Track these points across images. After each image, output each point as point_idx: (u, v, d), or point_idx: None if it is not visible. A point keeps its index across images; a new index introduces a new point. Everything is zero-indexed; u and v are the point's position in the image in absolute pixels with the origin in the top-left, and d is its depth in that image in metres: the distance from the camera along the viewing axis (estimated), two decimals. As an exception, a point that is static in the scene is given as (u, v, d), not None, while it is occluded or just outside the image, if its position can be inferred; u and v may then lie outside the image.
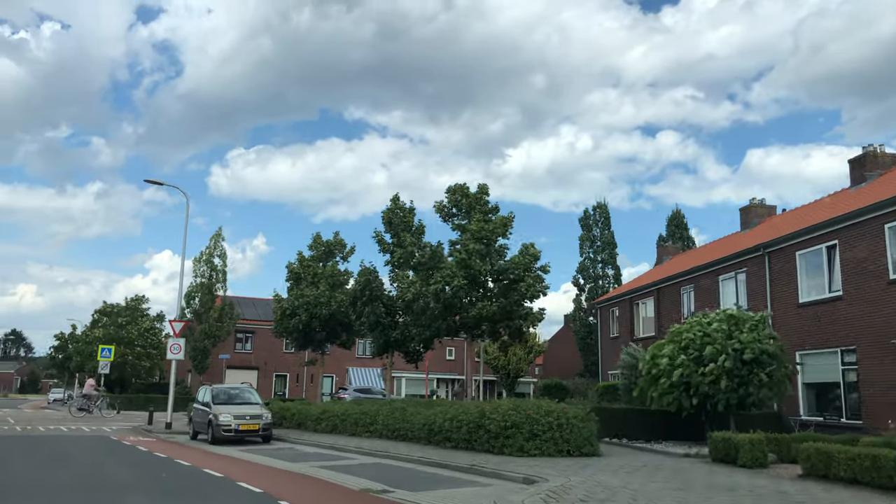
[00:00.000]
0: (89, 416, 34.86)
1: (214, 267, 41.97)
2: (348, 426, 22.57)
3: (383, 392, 49.14)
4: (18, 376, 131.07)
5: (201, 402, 23.03)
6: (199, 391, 24.28)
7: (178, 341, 27.24)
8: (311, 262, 33.13)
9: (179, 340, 27.31)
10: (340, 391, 46.50)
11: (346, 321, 32.45)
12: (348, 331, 33.07)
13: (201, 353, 41.20)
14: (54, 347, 62.68)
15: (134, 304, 57.34)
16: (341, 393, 45.51)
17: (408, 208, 28.07)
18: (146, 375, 58.22)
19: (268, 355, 51.46)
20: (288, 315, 31.96)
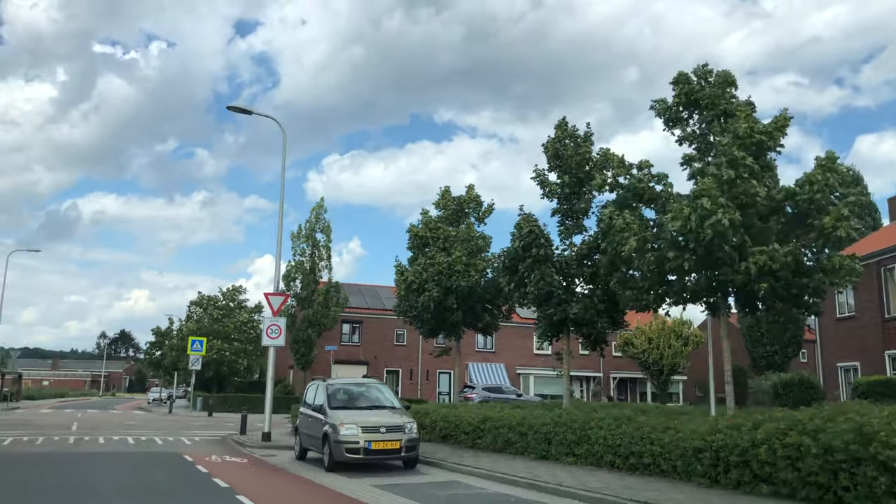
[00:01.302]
0: (173, 422, 28.35)
1: (316, 243, 35.09)
2: (534, 444, 14.45)
3: (517, 392, 40.86)
4: (127, 375, 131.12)
5: (311, 404, 15.52)
6: (307, 389, 16.77)
7: (278, 322, 19.91)
8: (441, 222, 25.23)
9: (279, 321, 19.98)
10: (466, 390, 38.55)
11: (487, 297, 24.38)
12: (494, 308, 25.02)
13: (304, 344, 34.43)
14: (151, 343, 57.97)
15: (230, 294, 51.53)
16: (468, 392, 37.59)
17: (583, 134, 19.83)
18: (245, 373, 52.34)
19: (377, 348, 44.32)
20: (414, 290, 24.17)
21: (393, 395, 15.89)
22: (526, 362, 47.49)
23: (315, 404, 15.22)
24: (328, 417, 14.02)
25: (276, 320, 20.06)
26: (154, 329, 56.65)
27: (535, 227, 18.90)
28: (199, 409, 40.06)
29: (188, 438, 20.49)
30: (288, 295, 20.19)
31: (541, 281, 18.41)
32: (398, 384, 44.81)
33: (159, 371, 61.86)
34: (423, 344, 45.42)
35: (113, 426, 24.44)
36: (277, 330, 19.94)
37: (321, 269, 35.15)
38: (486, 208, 26.30)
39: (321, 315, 34.69)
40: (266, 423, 19.52)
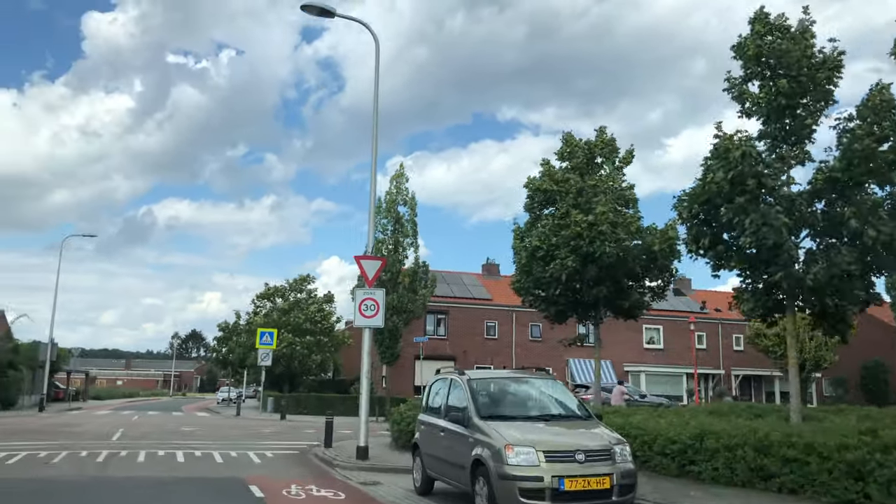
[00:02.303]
0: (240, 428, 23.42)
1: (399, 218, 29.77)
2: (825, 478, 8.47)
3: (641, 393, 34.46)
4: (198, 375, 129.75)
5: (440, 410, 9.97)
6: (429, 386, 11.10)
7: (374, 294, 14.47)
8: (569, 173, 19.38)
9: (375, 293, 14.52)
10: (578, 390, 32.53)
11: (639, 267, 18.45)
12: (646, 282, 19.15)
13: (389, 335, 29.16)
14: (218, 339, 53.74)
15: (299, 284, 46.77)
16: (583, 394, 31.52)
17: (797, 25, 13.97)
18: (318, 370, 47.50)
19: (466, 341, 38.84)
20: (540, 259, 18.41)
21: (571, 396, 10.10)
22: (635, 357, 41.10)
23: (448, 410, 9.64)
24: (479, 433, 8.42)
25: (372, 292, 14.61)
26: (221, 324, 52.39)
27: (751, 148, 12.87)
28: (270, 411, 35.32)
29: (257, 453, 15.23)
30: (384, 260, 14.68)
31: (763, 227, 12.34)
32: (490, 383, 39.14)
33: (227, 369, 57.82)
34: (518, 335, 39.66)
35: (165, 434, 19.51)
36: (374, 305, 14.48)
37: (405, 248, 29.79)
38: (626, 154, 20.27)
39: (407, 301, 29.24)
40: (362, 435, 14.05)
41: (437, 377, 10.90)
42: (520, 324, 39.51)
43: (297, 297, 46.52)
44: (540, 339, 39.76)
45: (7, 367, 34.24)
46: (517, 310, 39.60)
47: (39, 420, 25.83)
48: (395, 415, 16.94)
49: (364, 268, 14.88)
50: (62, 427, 21.69)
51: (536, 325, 39.85)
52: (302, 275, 47.25)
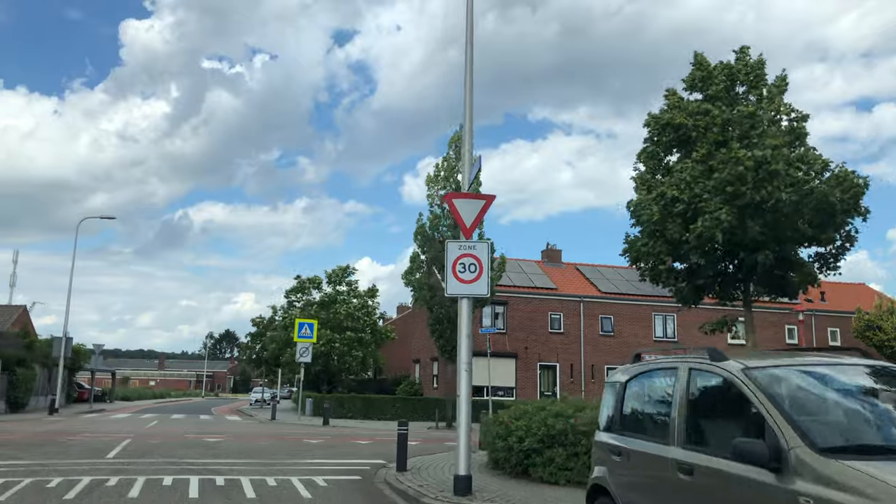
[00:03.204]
0: (277, 437, 18.78)
1: (459, 188, 25.00)
2: None
3: None
4: (231, 375, 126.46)
5: (676, 425, 4.92)
6: (623, 383, 6.10)
7: (475, 250, 9.79)
8: (708, 104, 14.37)
9: (477, 248, 9.82)
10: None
11: (813, 226, 13.40)
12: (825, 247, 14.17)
13: (451, 324, 24.32)
14: (251, 335, 49.47)
15: (338, 276, 42.13)
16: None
17: None
18: (358, 369, 42.82)
19: (528, 336, 33.91)
20: (677, 215, 13.44)
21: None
22: (719, 354, 35.65)
23: (696, 433, 4.71)
24: (828, 486, 3.43)
25: (472, 246, 9.82)
26: (255, 319, 48.14)
27: None
28: (310, 414, 30.73)
29: (303, 479, 10.48)
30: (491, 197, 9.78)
31: None
32: (556, 384, 34.07)
33: (261, 368, 53.48)
34: (586, 329, 34.54)
35: (182, 447, 14.88)
36: (475, 265, 9.72)
37: (468, 224, 25.07)
38: (778, 80, 15.12)
39: (472, 285, 24.56)
40: (461, 459, 9.19)
41: (641, 366, 6.01)
42: (588, 316, 34.43)
43: (337, 290, 41.95)
44: (612, 334, 34.62)
45: (17, 364, 30.15)
46: (585, 300, 34.54)
47: (40, 426, 21.49)
48: (493, 424, 12.05)
49: (458, 209, 10.03)
50: (57, 436, 17.24)
51: (608, 318, 34.76)
52: (341, 265, 42.57)
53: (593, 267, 38.25)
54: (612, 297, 34.99)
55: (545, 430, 10.37)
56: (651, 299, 35.50)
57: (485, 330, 26.94)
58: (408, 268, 25.21)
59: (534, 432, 10.50)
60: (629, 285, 36.41)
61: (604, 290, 35.28)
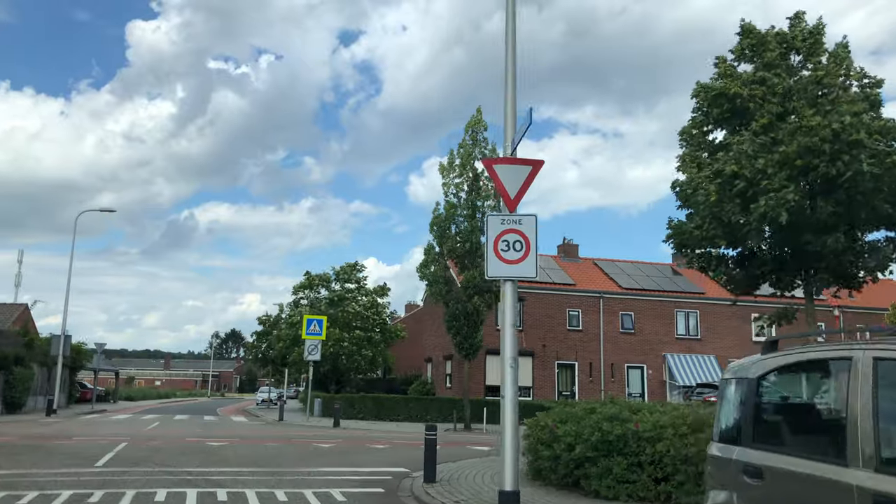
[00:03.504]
0: (286, 441, 17.32)
1: (477, 176, 23.44)
2: None
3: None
4: (237, 375, 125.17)
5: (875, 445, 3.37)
6: (754, 380, 4.59)
7: (521, 225, 8.21)
8: (764, 72, 12.84)
9: (523, 223, 8.23)
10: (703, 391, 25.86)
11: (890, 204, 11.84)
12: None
13: (468, 320, 22.68)
14: (257, 334, 48.04)
15: (347, 273, 40.67)
16: (707, 394, 24.95)
17: None
18: (367, 369, 41.37)
19: (545, 333, 32.41)
20: (737, 194, 11.89)
21: None
22: (744, 353, 33.96)
23: None
24: None
25: (517, 220, 8.31)
26: (261, 317, 46.72)
27: None
28: (319, 415, 29.28)
29: (318, 493, 9.01)
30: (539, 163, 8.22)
31: None
32: (574, 383, 32.55)
33: (267, 366, 52.03)
34: (606, 327, 32.99)
35: (181, 453, 13.42)
36: (521, 242, 8.21)
37: (486, 213, 23.49)
38: (840, 48, 13.58)
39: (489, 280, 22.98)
40: (507, 472, 7.58)
41: (782, 357, 4.48)
42: (608, 312, 32.90)
43: (346, 287, 40.52)
44: (632, 331, 33.07)
45: (14, 363, 28.79)
46: (606, 296, 33.00)
47: (33, 428, 20.09)
48: (535, 429, 10.53)
49: (500, 177, 8.50)
50: (48, 440, 15.81)
51: (628, 315, 33.22)
52: (350, 262, 41.12)
53: (612, 262, 36.70)
54: (632, 293, 33.46)
55: (599, 435, 8.88)
56: (673, 295, 33.96)
57: None
58: (422, 260, 23.74)
59: (585, 438, 9.01)
60: (650, 280, 34.87)
61: (624, 286, 33.74)
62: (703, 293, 34.45)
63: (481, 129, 24.07)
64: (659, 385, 33.04)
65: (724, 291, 35.32)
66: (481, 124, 24.10)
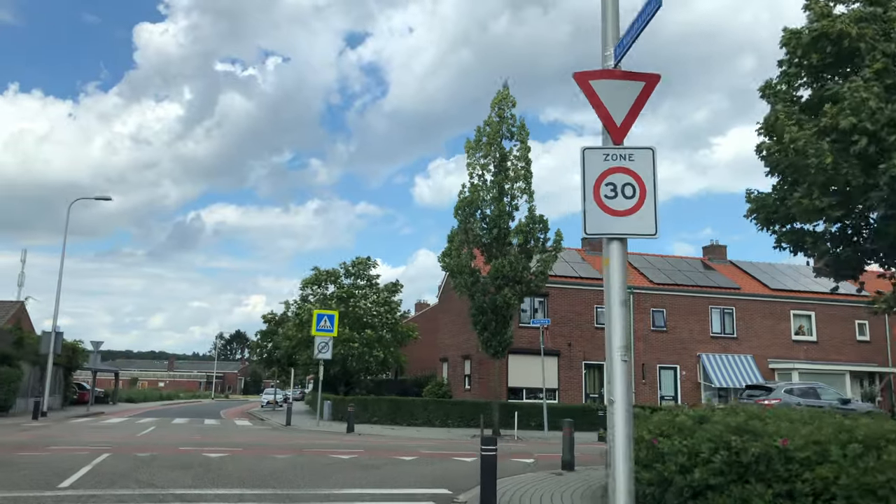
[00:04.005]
0: (296, 450, 14.96)
1: (504, 155, 21.00)
2: None
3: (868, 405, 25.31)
4: (241, 377, 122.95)
5: None
6: None
7: (632, 162, 5.78)
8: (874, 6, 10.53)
9: (634, 158, 5.80)
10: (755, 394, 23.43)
11: None
12: None
13: (496, 314, 20.20)
14: (262, 332, 45.69)
15: (357, 268, 38.35)
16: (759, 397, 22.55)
17: None
18: (377, 370, 39.00)
19: (571, 331, 30.04)
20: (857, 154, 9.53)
21: None
22: (782, 352, 31.66)
23: None
24: None
25: (628, 158, 5.94)
26: (266, 315, 44.36)
27: None
28: (329, 418, 26.96)
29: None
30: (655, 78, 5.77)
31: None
32: (602, 384, 30.11)
33: (272, 367, 49.67)
34: (637, 324, 30.55)
35: (172, 469, 11.09)
36: (634, 188, 5.85)
37: (515, 196, 21.14)
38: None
39: (521, 268, 20.50)
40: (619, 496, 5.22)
41: None
42: (639, 310, 30.51)
43: (356, 284, 38.20)
44: (664, 329, 30.67)
45: (1, 362, 26.54)
46: (636, 291, 30.60)
47: (11, 434, 17.78)
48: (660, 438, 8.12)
49: (601, 96, 6.13)
50: (19, 449, 13.48)
51: (660, 311, 30.81)
52: (360, 257, 38.78)
53: (641, 255, 34.32)
54: (664, 288, 31.05)
55: (726, 454, 6.53)
56: (707, 290, 31.55)
57: (538, 322, 23.13)
58: (445, 249, 21.39)
59: (705, 458, 6.66)
60: (682, 275, 32.47)
61: (655, 281, 31.35)
62: (738, 289, 32.05)
63: (508, 106, 21.73)
64: (693, 387, 30.63)
65: (760, 287, 33.00)
66: (508, 100, 21.76)
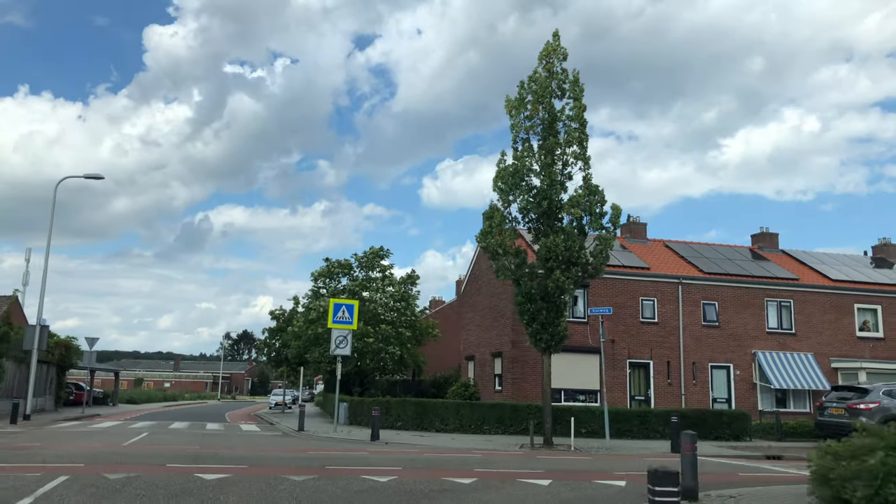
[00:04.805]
0: (318, 469, 11.49)
1: (554, 115, 17.54)
2: None
3: None
4: (249, 377, 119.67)
5: None
6: None
7: None
8: None
9: None
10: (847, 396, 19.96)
11: None
12: None
13: (547, 302, 16.62)
14: (269, 330, 42.26)
15: (370, 260, 34.96)
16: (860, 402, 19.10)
17: None
18: (394, 369, 35.65)
19: (614, 327, 26.61)
20: None
21: None
22: (846, 349, 28.17)
23: None
24: None
25: None
26: (274, 311, 40.93)
27: None
28: (345, 423, 23.61)
29: None
30: None
31: None
32: (649, 385, 26.67)
33: (281, 367, 46.20)
34: (686, 319, 27.09)
35: (150, 496, 7.76)
36: None
37: (568, 163, 17.77)
38: None
39: (578, 247, 17.06)
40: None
41: None
42: (689, 302, 27.10)
43: (370, 276, 34.86)
44: (716, 324, 27.24)
45: (-21, 358, 23.32)
46: (685, 281, 27.21)
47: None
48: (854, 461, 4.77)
49: None
50: None
51: (711, 304, 27.39)
52: (374, 247, 35.38)
53: (685, 244, 30.92)
54: (716, 279, 27.61)
55: None
56: (763, 281, 28.13)
57: (597, 310, 19.74)
58: (484, 226, 18.00)
59: None
60: (734, 265, 29.05)
61: (706, 271, 27.91)
62: (796, 279, 28.60)
63: (559, 58, 18.36)
64: (748, 388, 27.17)
65: (819, 278, 29.31)
66: (558, 52, 18.38)
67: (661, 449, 17.46)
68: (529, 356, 25.65)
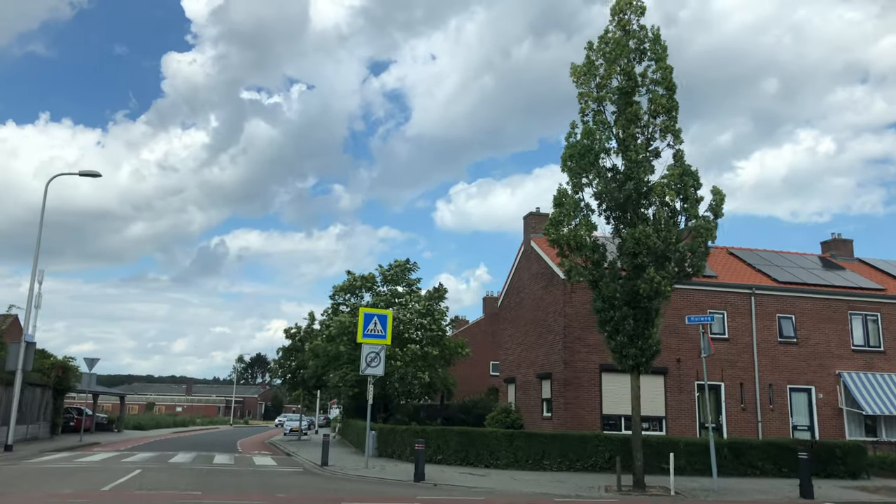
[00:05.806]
0: None
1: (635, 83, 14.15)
2: None
3: None
4: (262, 401, 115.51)
5: None
6: None
7: None
8: None
9: None
10: None
11: None
12: None
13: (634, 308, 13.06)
14: (283, 350, 38.53)
15: (395, 273, 31.28)
16: None
17: None
18: (421, 393, 31.69)
19: (679, 344, 22.91)
20: None
21: None
22: (942, 371, 24.11)
23: None
24: None
25: None
26: (289, 329, 37.25)
27: None
28: (376, 455, 19.80)
29: None
30: None
31: None
32: (721, 411, 22.73)
33: (297, 389, 42.30)
34: (760, 334, 23.24)
35: None
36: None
37: (653, 139, 14.27)
38: None
39: (673, 238, 13.48)
40: None
41: None
42: (762, 315, 23.28)
43: (395, 290, 31.20)
44: (794, 340, 23.37)
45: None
46: (758, 292, 23.41)
47: None
48: None
49: None
50: None
51: (787, 318, 23.54)
52: (399, 260, 31.71)
53: (753, 251, 27.17)
54: (792, 289, 23.80)
55: None
56: (845, 292, 24.28)
57: (695, 319, 15.99)
58: (553, 214, 14.38)
59: None
60: (809, 274, 25.24)
61: (780, 280, 24.12)
62: (883, 290, 24.74)
63: (636, 13, 14.90)
64: (833, 414, 23.19)
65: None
66: (635, 7, 14.92)
67: (785, 490, 13.61)
68: (584, 377, 21.89)
